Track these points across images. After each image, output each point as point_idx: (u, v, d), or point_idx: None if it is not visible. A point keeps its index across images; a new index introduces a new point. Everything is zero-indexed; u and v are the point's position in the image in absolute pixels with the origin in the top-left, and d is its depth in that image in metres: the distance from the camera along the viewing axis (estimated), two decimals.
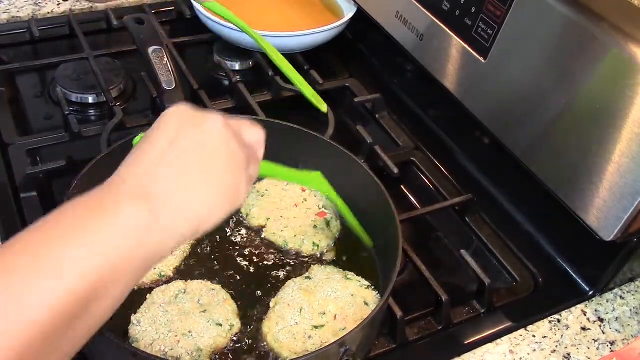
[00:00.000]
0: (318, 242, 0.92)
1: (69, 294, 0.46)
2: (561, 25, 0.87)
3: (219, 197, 0.58)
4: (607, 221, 0.84)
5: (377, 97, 1.22)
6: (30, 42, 1.30)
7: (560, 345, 0.87)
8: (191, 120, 0.59)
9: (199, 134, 0.58)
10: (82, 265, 0.47)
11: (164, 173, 0.55)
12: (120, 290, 0.51)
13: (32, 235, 0.48)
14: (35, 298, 0.44)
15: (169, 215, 0.53)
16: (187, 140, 0.57)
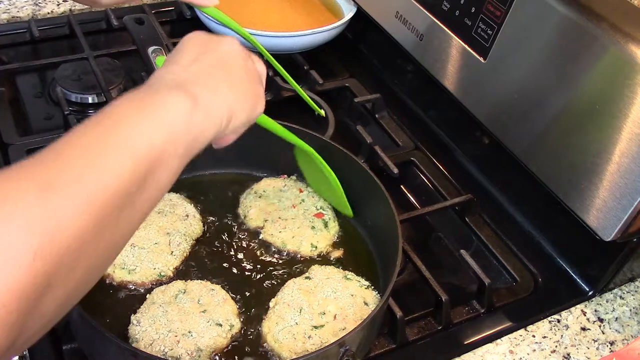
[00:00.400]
0: (316, 243, 0.92)
1: (136, 163, 0.50)
2: (561, 25, 0.87)
3: (245, 96, 0.65)
4: (607, 221, 0.84)
5: (377, 97, 1.23)
6: (30, 42, 1.30)
7: (560, 345, 0.87)
8: (210, 40, 0.66)
9: (220, 51, 0.65)
10: (147, 140, 0.52)
11: (195, 71, 0.61)
12: (169, 171, 0.55)
13: (97, 120, 0.53)
14: (109, 164, 0.48)
15: (206, 100, 0.58)
16: (210, 55, 0.64)
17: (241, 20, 1.25)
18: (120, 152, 0.50)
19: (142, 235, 0.87)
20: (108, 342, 0.69)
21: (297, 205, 0.97)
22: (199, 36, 0.67)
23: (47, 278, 0.42)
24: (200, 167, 1.02)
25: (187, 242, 0.89)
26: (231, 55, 0.66)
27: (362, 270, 0.89)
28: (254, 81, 0.68)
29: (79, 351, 0.78)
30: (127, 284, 0.84)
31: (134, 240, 0.86)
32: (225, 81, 0.63)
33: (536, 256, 1.00)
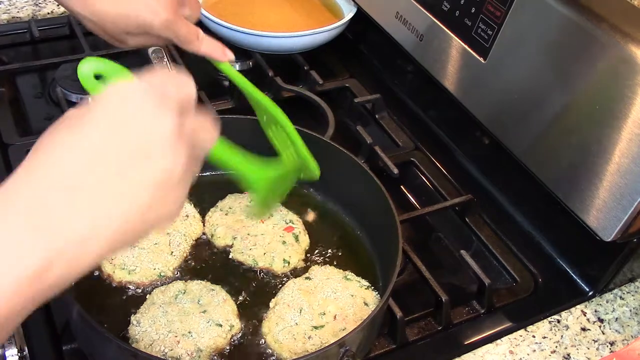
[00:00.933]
0: (288, 258, 0.89)
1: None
2: (561, 25, 0.87)
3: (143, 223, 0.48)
4: (607, 221, 0.84)
5: (377, 97, 1.23)
6: (30, 43, 1.30)
7: (560, 345, 0.87)
8: (128, 121, 0.47)
9: (131, 141, 0.46)
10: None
11: (69, 199, 0.44)
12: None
13: None
14: None
15: (66, 264, 0.44)
16: (112, 151, 0.46)
17: (241, 21, 1.25)
18: None
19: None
20: (108, 342, 0.69)
21: (266, 220, 0.93)
22: (118, 104, 0.48)
23: None
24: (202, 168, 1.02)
25: (187, 242, 0.89)
26: (148, 147, 0.46)
27: (362, 271, 0.89)
28: (170, 185, 0.48)
29: (79, 351, 0.78)
30: (127, 284, 0.84)
31: None
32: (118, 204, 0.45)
33: (536, 256, 1.00)
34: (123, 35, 0.84)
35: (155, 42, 0.87)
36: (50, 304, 0.82)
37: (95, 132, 0.46)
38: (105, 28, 0.83)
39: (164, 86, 0.50)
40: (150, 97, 0.48)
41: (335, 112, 1.13)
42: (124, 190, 0.46)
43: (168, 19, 0.81)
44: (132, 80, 0.50)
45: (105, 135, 0.46)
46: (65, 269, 0.44)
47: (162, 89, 0.50)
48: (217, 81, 1.29)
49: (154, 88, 0.49)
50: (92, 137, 0.46)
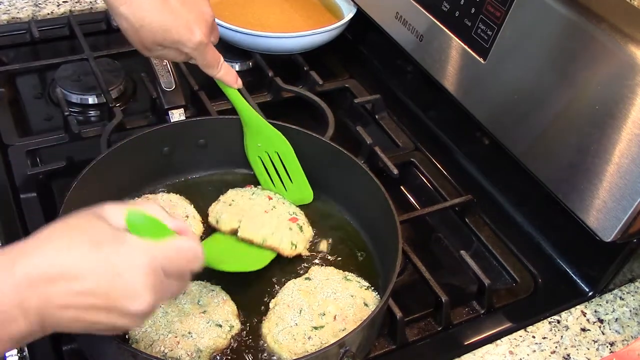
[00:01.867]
0: (295, 242, 0.90)
1: None
2: (561, 26, 0.87)
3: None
4: (607, 222, 0.84)
5: (377, 97, 1.23)
6: (30, 43, 1.30)
7: (560, 346, 0.87)
8: (123, 280, 0.56)
9: (114, 295, 0.56)
10: None
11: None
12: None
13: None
14: None
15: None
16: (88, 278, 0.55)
17: (242, 22, 1.25)
18: None
19: None
20: (108, 342, 0.69)
21: (270, 211, 0.93)
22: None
23: None
24: (201, 168, 1.02)
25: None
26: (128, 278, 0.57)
27: (362, 271, 0.89)
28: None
29: (79, 351, 0.78)
30: None
31: None
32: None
33: (536, 257, 1.00)
34: (154, 45, 0.86)
35: (178, 58, 0.90)
36: None
37: (94, 267, 0.55)
38: (141, 34, 0.84)
39: (172, 264, 0.61)
40: (147, 276, 0.57)
41: (335, 113, 1.13)
42: (83, 318, 0.56)
43: (202, 42, 0.86)
44: (147, 251, 0.58)
45: (98, 277, 0.55)
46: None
47: (171, 265, 0.60)
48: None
49: (159, 262, 0.59)
50: (90, 268, 0.55)
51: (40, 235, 0.56)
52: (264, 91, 1.22)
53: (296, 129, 0.97)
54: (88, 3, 1.38)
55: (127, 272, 0.56)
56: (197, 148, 1.00)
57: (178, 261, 0.61)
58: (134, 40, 0.86)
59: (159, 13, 0.82)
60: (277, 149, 0.98)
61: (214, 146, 1.01)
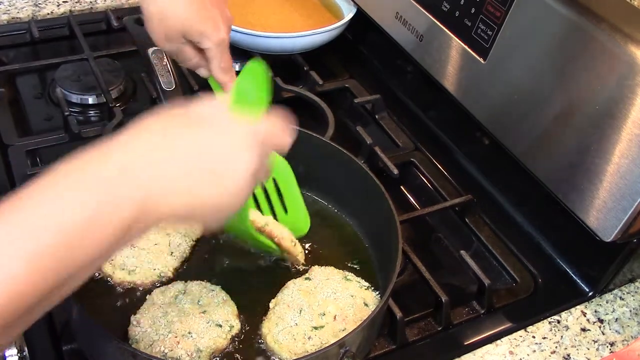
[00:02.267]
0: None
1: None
2: (561, 25, 0.87)
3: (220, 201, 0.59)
4: (607, 222, 0.84)
5: (377, 97, 1.23)
6: (30, 43, 1.30)
7: (560, 346, 0.87)
8: (225, 145, 0.59)
9: (221, 158, 0.58)
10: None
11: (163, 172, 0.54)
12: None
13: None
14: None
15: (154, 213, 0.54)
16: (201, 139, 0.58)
17: (241, 22, 1.25)
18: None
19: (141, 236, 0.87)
20: (108, 342, 0.69)
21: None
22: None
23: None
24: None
25: (187, 242, 0.89)
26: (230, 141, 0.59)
27: (362, 271, 0.89)
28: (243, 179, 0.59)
29: (79, 351, 0.78)
30: (127, 284, 0.84)
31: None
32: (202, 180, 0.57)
33: (536, 257, 1.00)
34: (177, 36, 0.85)
35: (191, 59, 0.89)
36: None
37: (205, 137, 0.58)
38: (168, 22, 0.84)
39: (267, 138, 0.63)
40: (250, 143, 0.60)
41: (335, 113, 1.13)
42: (206, 183, 0.57)
43: (225, 39, 0.86)
44: (248, 123, 0.61)
45: (203, 150, 0.57)
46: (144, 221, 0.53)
47: (265, 140, 0.62)
48: None
49: (261, 136, 0.61)
50: (201, 138, 0.57)
51: (133, 129, 0.56)
52: None
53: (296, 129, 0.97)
54: (88, 3, 1.38)
55: (229, 141, 0.58)
56: None
57: (275, 133, 0.64)
58: (157, 29, 0.85)
59: (189, 3, 0.83)
60: (275, 174, 0.92)
61: None
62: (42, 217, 0.48)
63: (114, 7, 1.38)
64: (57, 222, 0.48)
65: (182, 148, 0.56)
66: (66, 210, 0.48)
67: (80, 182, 0.50)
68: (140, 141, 0.55)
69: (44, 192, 0.49)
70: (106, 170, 0.51)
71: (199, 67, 0.90)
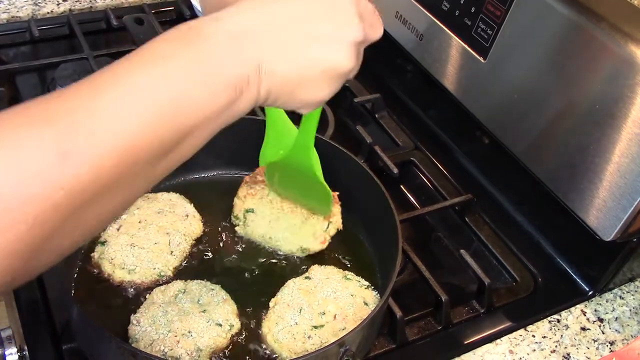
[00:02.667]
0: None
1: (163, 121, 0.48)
2: (561, 25, 0.87)
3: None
4: (607, 221, 0.84)
5: (377, 97, 1.23)
6: (30, 42, 1.30)
7: (560, 345, 0.87)
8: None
9: (328, 18, 0.59)
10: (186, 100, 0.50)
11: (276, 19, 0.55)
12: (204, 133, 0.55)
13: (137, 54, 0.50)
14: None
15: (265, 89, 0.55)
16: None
17: None
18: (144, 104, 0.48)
19: (142, 235, 0.87)
20: (108, 342, 0.69)
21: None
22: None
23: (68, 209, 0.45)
24: (201, 168, 1.02)
25: (187, 242, 0.89)
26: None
27: (362, 270, 0.89)
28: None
29: (79, 351, 0.78)
30: (127, 284, 0.84)
31: (133, 240, 0.86)
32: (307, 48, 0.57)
33: (536, 256, 1.00)
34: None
35: None
36: (50, 304, 0.82)
37: (307, 6, 0.57)
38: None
39: (366, 12, 0.65)
40: (355, 9, 0.62)
41: (335, 112, 1.13)
42: (302, 55, 0.57)
43: None
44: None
45: (312, 13, 0.57)
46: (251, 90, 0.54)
47: (364, 13, 0.65)
48: None
49: (362, 6, 0.64)
50: (304, 8, 0.57)
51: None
52: None
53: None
54: (88, 2, 1.38)
55: (336, 4, 0.59)
56: None
57: (373, 14, 0.68)
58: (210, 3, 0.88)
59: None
60: (308, 169, 0.89)
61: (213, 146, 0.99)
62: (153, 75, 0.48)
63: (114, 6, 1.38)
64: (166, 79, 0.49)
65: (293, 13, 0.56)
66: (175, 66, 0.49)
67: (192, 39, 0.51)
68: (251, 8, 0.55)
69: (155, 53, 0.50)
70: (218, 32, 0.52)
71: None
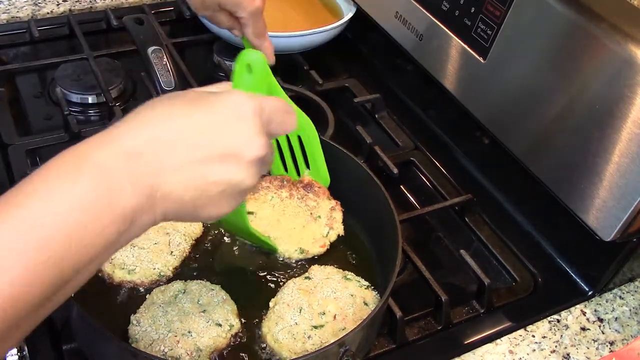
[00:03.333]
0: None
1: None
2: (561, 25, 0.87)
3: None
4: (607, 221, 0.84)
5: (377, 97, 1.23)
6: (30, 43, 1.30)
7: (560, 345, 0.87)
8: (231, 128, 0.57)
9: (225, 145, 0.56)
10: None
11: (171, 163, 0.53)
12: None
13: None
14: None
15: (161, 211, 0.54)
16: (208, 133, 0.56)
17: None
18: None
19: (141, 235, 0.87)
20: (108, 342, 0.69)
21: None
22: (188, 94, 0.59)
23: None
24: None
25: (186, 242, 0.89)
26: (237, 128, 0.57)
27: (361, 270, 0.89)
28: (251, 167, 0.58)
29: (79, 351, 0.78)
30: (127, 284, 0.84)
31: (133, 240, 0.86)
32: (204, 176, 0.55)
33: (536, 256, 1.00)
34: (213, 4, 0.90)
35: (224, 23, 0.94)
36: None
37: (205, 122, 0.56)
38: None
39: (273, 114, 0.60)
40: (257, 121, 0.57)
41: (335, 112, 1.13)
42: (199, 176, 0.55)
43: (259, 8, 0.90)
44: (254, 98, 0.58)
45: (210, 129, 0.55)
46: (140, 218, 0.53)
47: (270, 116, 0.60)
48: (217, 81, 1.28)
49: (266, 113, 0.59)
50: (201, 123, 0.55)
51: (140, 109, 0.56)
52: None
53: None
54: (88, 2, 1.38)
55: (236, 119, 0.56)
56: None
57: (282, 112, 0.61)
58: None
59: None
60: (301, 131, 0.94)
61: None
62: (39, 213, 0.46)
63: (114, 6, 1.38)
64: (55, 216, 0.46)
65: (190, 130, 0.54)
66: (63, 201, 0.47)
67: (82, 169, 0.49)
68: (147, 124, 0.55)
69: (43, 185, 0.47)
70: (110, 157, 0.50)
71: (232, 29, 0.94)
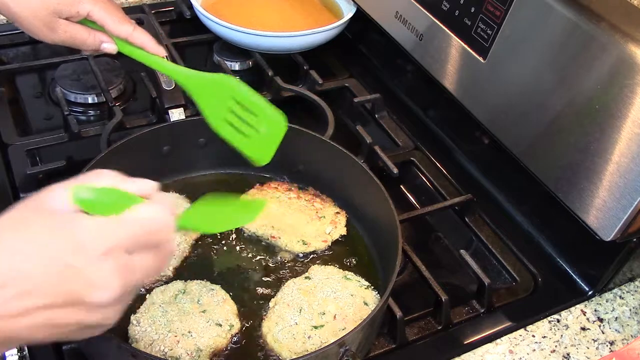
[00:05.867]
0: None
1: None
2: (561, 25, 0.87)
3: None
4: (607, 221, 0.84)
5: (377, 97, 1.23)
6: (30, 42, 1.30)
7: (560, 345, 0.87)
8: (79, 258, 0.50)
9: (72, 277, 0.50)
10: None
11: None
12: None
13: None
14: None
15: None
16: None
17: (241, 21, 1.25)
18: None
19: None
20: (108, 342, 0.69)
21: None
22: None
23: None
24: (201, 168, 1.02)
25: (187, 242, 0.89)
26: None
27: (362, 270, 0.89)
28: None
29: (79, 351, 0.78)
30: None
31: None
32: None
33: (536, 256, 1.00)
34: (52, 18, 0.82)
35: (87, 41, 0.86)
36: None
37: (46, 261, 0.49)
38: (36, 12, 0.81)
39: (136, 239, 0.53)
40: (108, 260, 0.51)
41: (335, 112, 1.13)
42: (43, 321, 0.50)
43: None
44: (106, 230, 0.52)
45: (53, 274, 0.49)
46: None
47: (134, 242, 0.53)
48: None
49: (125, 240, 0.52)
50: (43, 263, 0.49)
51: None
52: (263, 90, 1.22)
53: (296, 128, 0.97)
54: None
55: (82, 261, 0.50)
56: (197, 147, 1.00)
57: (143, 236, 0.54)
58: (32, 22, 0.81)
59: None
60: (232, 92, 0.86)
61: (213, 146, 1.00)
62: None
63: None
64: None
65: (30, 272, 0.49)
66: None
67: None
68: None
69: None
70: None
71: (101, 42, 0.86)
